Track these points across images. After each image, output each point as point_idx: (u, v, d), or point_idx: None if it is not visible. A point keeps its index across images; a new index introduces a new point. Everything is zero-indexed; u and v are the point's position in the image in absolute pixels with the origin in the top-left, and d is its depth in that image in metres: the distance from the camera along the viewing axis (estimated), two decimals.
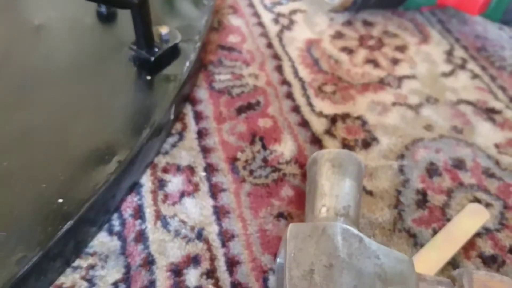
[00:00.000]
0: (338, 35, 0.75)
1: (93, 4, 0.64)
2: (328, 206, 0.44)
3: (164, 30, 0.59)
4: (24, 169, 0.46)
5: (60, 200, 0.43)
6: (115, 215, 0.48)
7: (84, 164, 0.47)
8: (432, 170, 0.55)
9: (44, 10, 0.64)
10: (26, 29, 0.61)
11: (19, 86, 0.54)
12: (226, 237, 0.47)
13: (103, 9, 0.64)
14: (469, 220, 0.50)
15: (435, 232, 0.49)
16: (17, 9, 0.64)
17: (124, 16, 0.60)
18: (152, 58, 0.59)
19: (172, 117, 0.56)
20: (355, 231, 0.41)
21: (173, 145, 0.55)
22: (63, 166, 0.46)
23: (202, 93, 0.62)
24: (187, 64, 0.59)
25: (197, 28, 0.65)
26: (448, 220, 0.50)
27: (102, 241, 0.46)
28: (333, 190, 0.46)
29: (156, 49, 0.59)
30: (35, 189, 0.44)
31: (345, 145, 0.57)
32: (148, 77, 0.57)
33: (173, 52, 0.60)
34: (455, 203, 0.52)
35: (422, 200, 0.52)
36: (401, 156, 0.57)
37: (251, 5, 0.79)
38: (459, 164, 0.56)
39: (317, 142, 0.58)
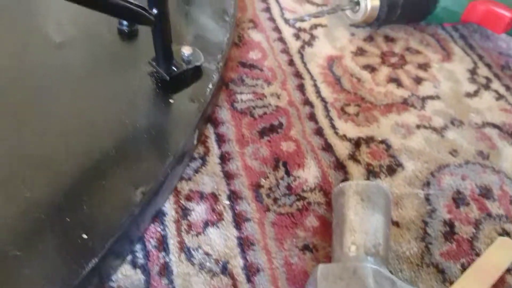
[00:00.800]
0: (360, 51, 0.73)
1: (114, 22, 0.62)
2: (358, 244, 0.43)
3: (187, 50, 0.58)
4: (47, 202, 0.45)
5: (84, 236, 0.42)
6: (139, 246, 0.47)
7: (107, 196, 0.46)
8: (459, 199, 0.54)
9: (66, 28, 0.63)
10: (47, 47, 0.60)
11: (39, 107, 0.53)
12: (251, 272, 0.46)
13: (125, 27, 0.62)
14: (499, 255, 0.49)
15: (463, 267, 0.48)
16: (39, 27, 0.63)
17: (146, 35, 0.59)
18: (168, 78, 0.57)
19: (195, 142, 0.54)
20: (387, 273, 0.40)
21: (196, 171, 0.54)
22: (86, 198, 0.45)
23: (223, 113, 0.61)
24: (210, 86, 0.58)
25: (219, 46, 0.64)
26: (477, 254, 0.49)
27: (126, 274, 0.45)
28: (363, 226, 0.45)
29: (175, 69, 0.58)
30: (59, 224, 0.43)
31: (370, 171, 0.56)
32: (171, 100, 0.56)
33: (196, 73, 0.59)
34: (484, 236, 0.51)
35: (450, 232, 0.51)
36: (427, 184, 0.55)
37: (272, 18, 0.78)
38: (486, 192, 0.55)
39: (341, 168, 0.56)
